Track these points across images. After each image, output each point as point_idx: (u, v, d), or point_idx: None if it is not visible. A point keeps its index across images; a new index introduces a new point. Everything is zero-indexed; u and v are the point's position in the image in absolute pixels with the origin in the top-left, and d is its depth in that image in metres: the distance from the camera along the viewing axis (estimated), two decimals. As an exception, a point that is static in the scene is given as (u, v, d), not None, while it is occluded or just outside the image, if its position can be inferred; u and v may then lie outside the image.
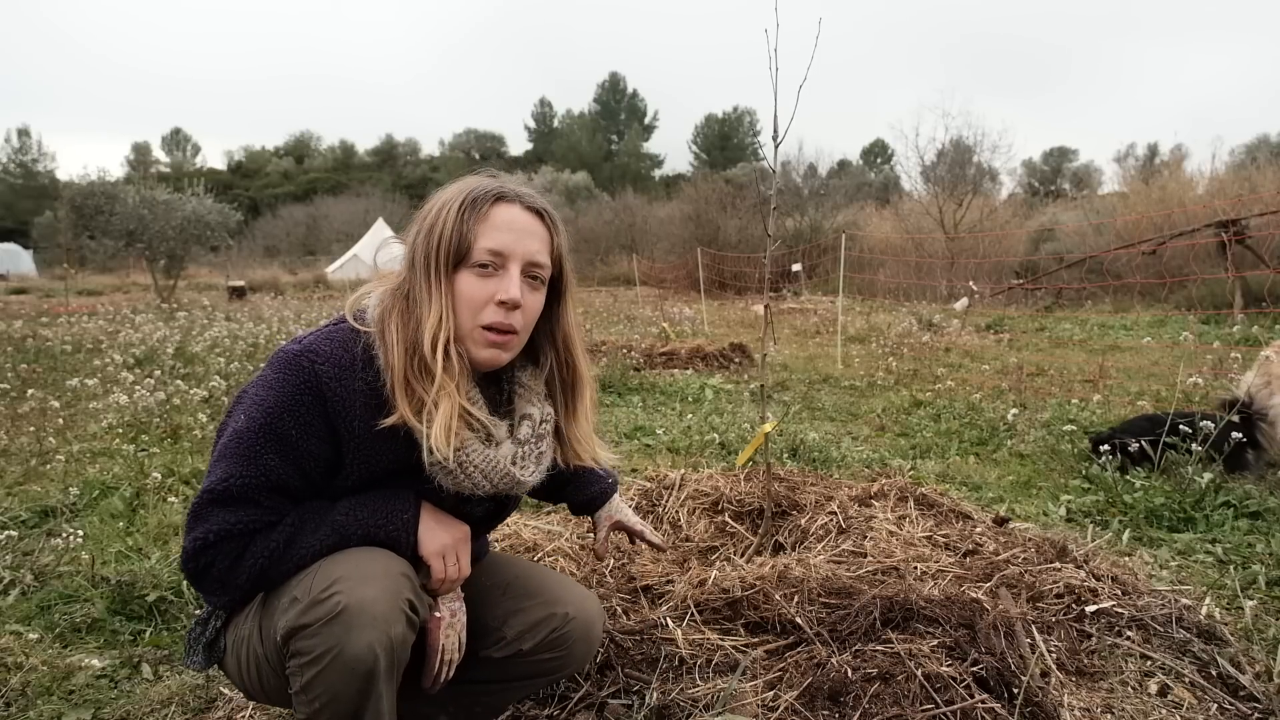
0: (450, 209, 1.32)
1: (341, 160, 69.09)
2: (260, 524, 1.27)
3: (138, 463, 3.79)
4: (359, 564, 1.25)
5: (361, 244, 31.60)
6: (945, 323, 11.58)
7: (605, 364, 7.05)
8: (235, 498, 1.25)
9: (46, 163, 55.05)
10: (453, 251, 1.31)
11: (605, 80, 70.19)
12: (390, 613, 1.21)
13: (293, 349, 1.30)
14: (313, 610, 1.19)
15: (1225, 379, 5.46)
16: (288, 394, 1.26)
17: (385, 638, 1.19)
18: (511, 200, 1.35)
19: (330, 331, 1.34)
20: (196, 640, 1.43)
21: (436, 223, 1.32)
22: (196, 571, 1.27)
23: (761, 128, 63.28)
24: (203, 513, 1.25)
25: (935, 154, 23.51)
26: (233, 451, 1.26)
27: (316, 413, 1.27)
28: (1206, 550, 2.85)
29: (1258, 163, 19.47)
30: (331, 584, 1.20)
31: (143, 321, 10.30)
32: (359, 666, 1.18)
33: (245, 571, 1.26)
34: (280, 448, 1.26)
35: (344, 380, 1.28)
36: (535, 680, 1.55)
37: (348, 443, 1.29)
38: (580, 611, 1.52)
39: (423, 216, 1.36)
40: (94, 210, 17.96)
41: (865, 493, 2.78)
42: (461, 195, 1.33)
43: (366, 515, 1.30)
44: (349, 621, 1.17)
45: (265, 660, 1.30)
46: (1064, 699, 1.73)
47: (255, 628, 1.32)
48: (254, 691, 1.38)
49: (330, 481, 1.33)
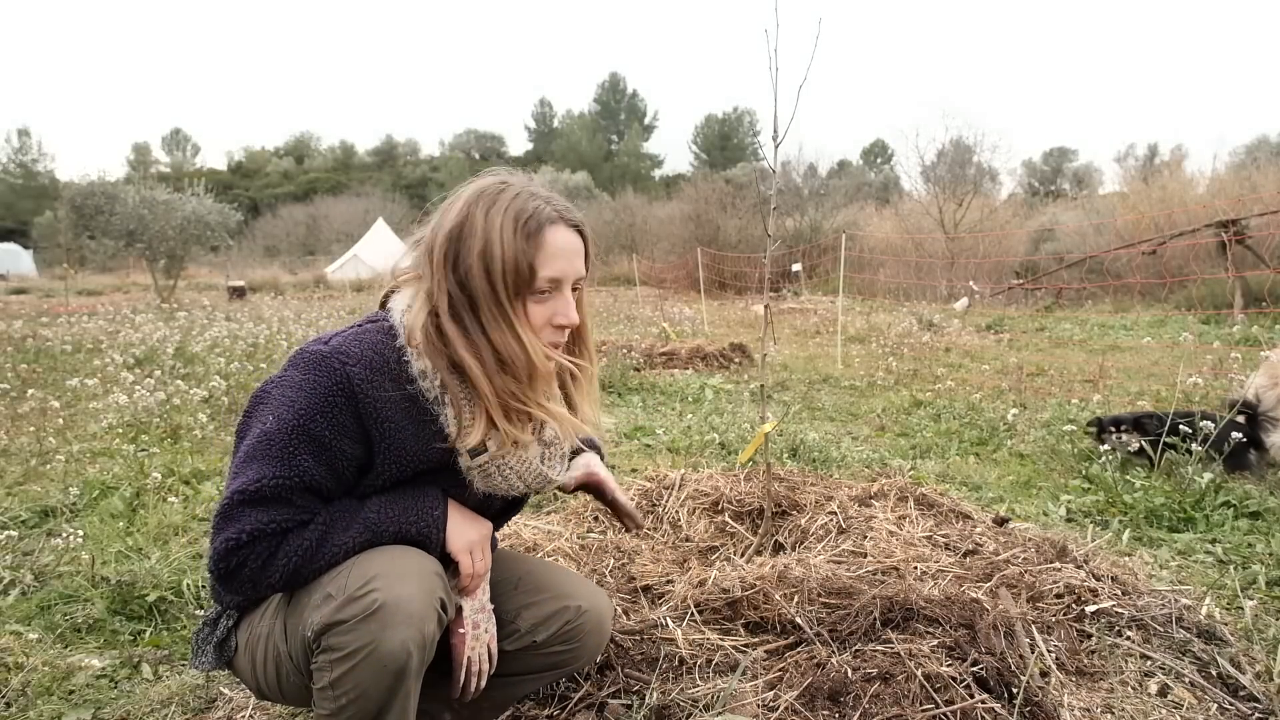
0: (504, 235, 1.29)
1: (341, 160, 69.14)
2: (293, 523, 1.26)
3: (138, 463, 3.79)
4: (394, 561, 1.26)
5: (361, 244, 31.64)
6: (945, 323, 11.58)
7: (605, 364, 7.05)
8: (269, 498, 1.24)
9: (46, 163, 55.23)
10: (513, 281, 1.30)
11: (605, 80, 70.36)
12: (425, 611, 1.23)
13: (321, 350, 1.30)
14: (348, 607, 1.19)
15: (1228, 379, 5.46)
16: (320, 395, 1.26)
17: (419, 635, 1.21)
18: (558, 223, 1.34)
19: (358, 333, 1.34)
20: (205, 640, 1.43)
21: (490, 249, 1.29)
22: (227, 572, 1.25)
23: (761, 128, 63.31)
24: (234, 513, 1.24)
25: (935, 154, 23.56)
26: (264, 452, 1.25)
27: (349, 414, 1.27)
28: (1206, 550, 2.85)
29: (1258, 163, 19.47)
30: (368, 581, 1.21)
31: (143, 321, 10.30)
32: (392, 664, 1.19)
33: (278, 570, 1.25)
34: (314, 448, 1.26)
35: (376, 383, 1.29)
36: (546, 673, 1.57)
37: (379, 443, 1.30)
38: (592, 605, 1.55)
39: (461, 229, 1.31)
40: (94, 210, 17.99)
41: (865, 493, 2.78)
42: (512, 220, 1.30)
43: (398, 513, 1.32)
44: (385, 619, 1.18)
45: (287, 657, 1.30)
46: (1064, 699, 1.73)
47: (277, 625, 1.32)
48: (268, 690, 1.38)
49: (360, 480, 1.34)
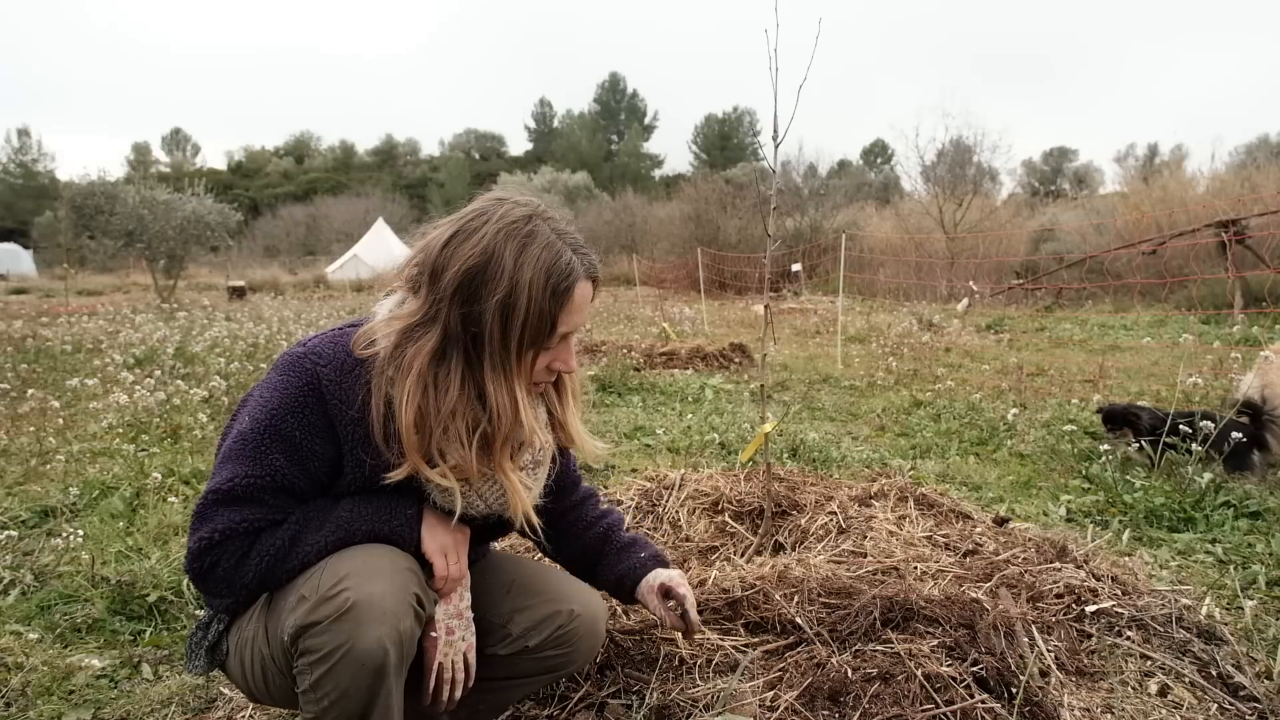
0: (533, 290, 1.23)
1: (341, 160, 69.11)
2: (265, 523, 1.27)
3: (138, 463, 3.79)
4: (366, 560, 1.26)
5: (361, 244, 31.63)
6: (945, 323, 11.58)
7: (605, 364, 7.05)
8: (241, 497, 1.26)
9: (46, 163, 55.17)
10: (531, 336, 1.27)
11: (605, 80, 70.23)
12: (399, 607, 1.22)
13: (297, 351, 1.32)
14: (321, 608, 1.19)
15: (1228, 379, 5.46)
16: (290, 395, 1.27)
17: (395, 632, 1.20)
18: (584, 278, 1.30)
19: (335, 336, 1.34)
20: (198, 644, 1.43)
21: (515, 300, 1.23)
22: (202, 571, 1.27)
23: (761, 128, 63.27)
24: (207, 513, 1.26)
25: (935, 154, 23.56)
26: (237, 452, 1.27)
27: (319, 414, 1.28)
28: (1206, 550, 2.85)
29: (1258, 162, 19.49)
30: (339, 581, 1.21)
31: (143, 321, 10.30)
32: (369, 662, 1.18)
33: (251, 570, 1.26)
34: (285, 448, 1.27)
35: (343, 384, 1.29)
36: (540, 677, 1.56)
37: (345, 444, 1.31)
38: (585, 609, 1.53)
39: (483, 268, 1.23)
40: (94, 210, 17.98)
41: (865, 493, 2.78)
42: (544, 275, 1.24)
43: (370, 512, 1.31)
44: (358, 617, 1.18)
45: (271, 661, 1.30)
46: (1064, 699, 1.73)
47: (260, 629, 1.32)
48: (259, 693, 1.38)
49: (334, 482, 1.34)
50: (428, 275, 1.26)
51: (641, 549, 1.71)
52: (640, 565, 1.68)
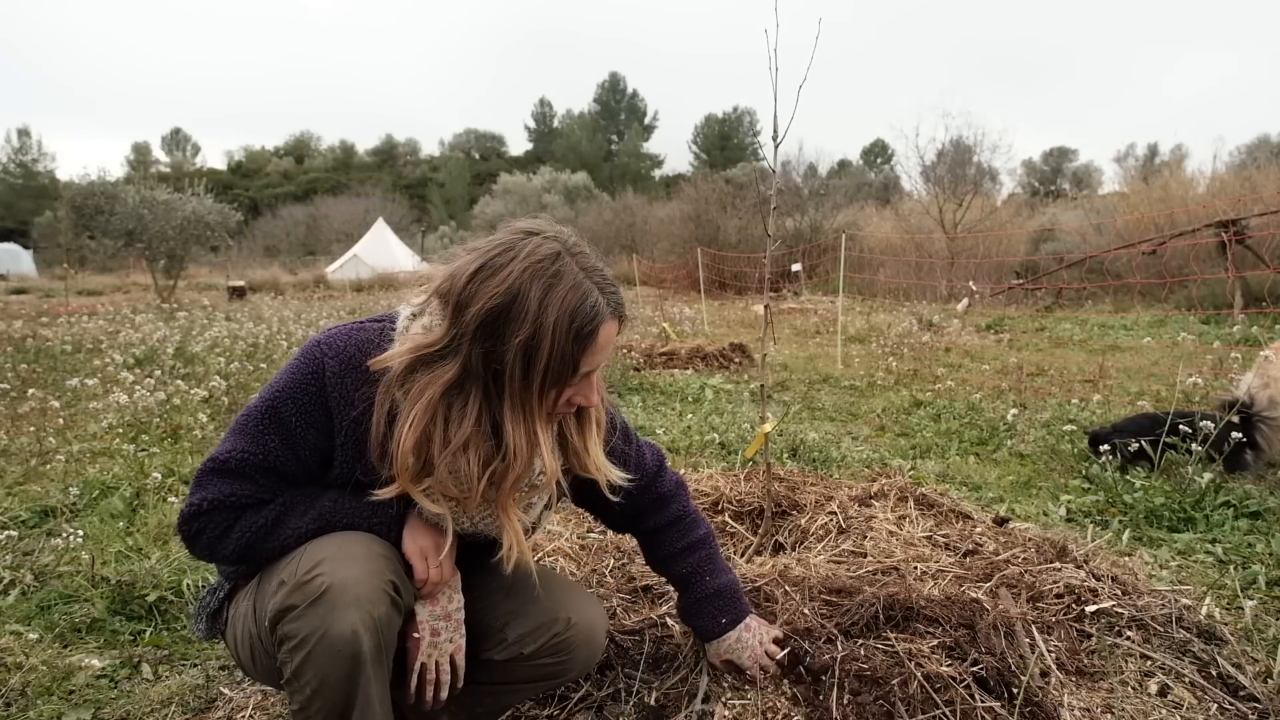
0: (557, 333, 1.20)
1: (341, 160, 69.12)
2: (252, 500, 1.30)
3: (138, 463, 3.79)
4: (341, 545, 1.27)
5: (361, 244, 31.63)
6: (945, 323, 11.58)
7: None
8: (233, 471, 1.28)
9: (46, 163, 55.21)
10: (553, 378, 1.24)
11: (605, 80, 70.28)
12: (373, 593, 1.22)
13: (315, 339, 1.34)
14: (297, 592, 1.20)
15: (1225, 379, 5.46)
16: (295, 381, 1.29)
17: (369, 618, 1.20)
18: (610, 318, 1.27)
19: (353, 330, 1.34)
20: (204, 607, 1.47)
21: (539, 342, 1.20)
22: (189, 535, 1.31)
23: (761, 128, 63.36)
24: (203, 479, 1.30)
25: (935, 154, 23.55)
26: (241, 427, 1.30)
27: (318, 404, 1.29)
28: (1206, 550, 2.85)
29: (1258, 163, 19.48)
30: (315, 565, 1.22)
31: (143, 321, 10.30)
32: (345, 648, 1.18)
33: (232, 543, 1.29)
34: (281, 431, 1.29)
35: (346, 379, 1.29)
36: (537, 684, 1.55)
37: (339, 437, 1.31)
38: (582, 618, 1.51)
39: (508, 309, 1.19)
40: (94, 210, 17.96)
41: (865, 493, 2.77)
42: (569, 318, 1.21)
43: (352, 506, 1.32)
44: (332, 601, 1.18)
45: (259, 640, 1.31)
46: (1064, 699, 1.73)
47: (250, 607, 1.34)
48: (249, 668, 1.40)
49: (325, 472, 1.34)
50: (452, 307, 1.22)
51: (722, 612, 1.72)
52: (707, 633, 1.74)
